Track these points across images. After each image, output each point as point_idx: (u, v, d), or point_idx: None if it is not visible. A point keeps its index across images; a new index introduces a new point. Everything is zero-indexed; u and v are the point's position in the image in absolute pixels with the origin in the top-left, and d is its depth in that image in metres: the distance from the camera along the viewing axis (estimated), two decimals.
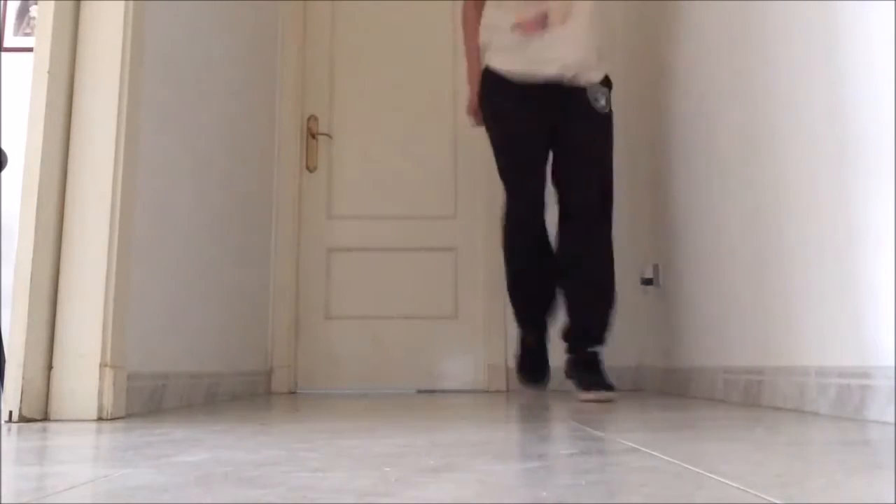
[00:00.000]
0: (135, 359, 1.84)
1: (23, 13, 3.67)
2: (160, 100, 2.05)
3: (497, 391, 3.14)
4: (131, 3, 1.85)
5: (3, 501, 0.73)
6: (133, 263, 1.85)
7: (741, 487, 0.76)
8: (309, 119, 3.41)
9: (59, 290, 1.74)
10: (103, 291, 1.74)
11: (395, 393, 3.03)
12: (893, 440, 1.15)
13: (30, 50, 1.99)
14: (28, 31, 3.62)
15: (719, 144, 2.29)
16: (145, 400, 1.91)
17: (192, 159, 2.30)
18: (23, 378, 1.65)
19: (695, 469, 0.88)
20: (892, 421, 1.39)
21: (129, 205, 1.82)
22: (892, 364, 1.41)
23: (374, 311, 3.29)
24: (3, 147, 2.99)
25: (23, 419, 1.63)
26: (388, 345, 3.26)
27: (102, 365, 1.71)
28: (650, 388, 2.93)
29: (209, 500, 0.74)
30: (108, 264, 1.75)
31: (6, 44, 3.63)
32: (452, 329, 3.29)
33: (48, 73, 1.76)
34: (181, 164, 2.21)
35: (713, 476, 0.83)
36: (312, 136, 3.40)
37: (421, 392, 3.11)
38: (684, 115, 2.62)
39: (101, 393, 1.69)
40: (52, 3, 1.79)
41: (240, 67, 2.80)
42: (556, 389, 2.82)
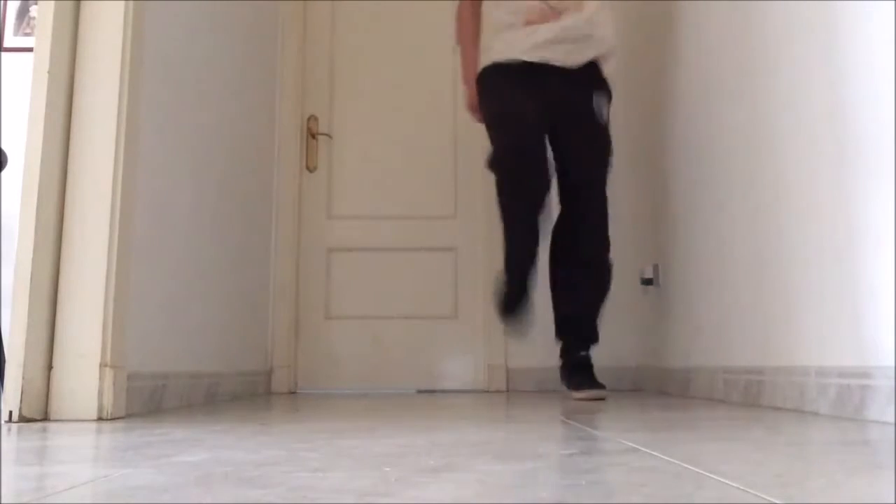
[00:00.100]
0: (135, 359, 1.84)
1: (23, 13, 3.67)
2: (160, 100, 2.05)
3: (497, 391, 3.14)
4: (131, 3, 1.86)
5: (3, 501, 0.73)
6: (133, 263, 1.85)
7: (741, 487, 0.76)
8: (309, 119, 3.41)
9: (59, 290, 1.74)
10: (103, 291, 1.74)
11: (395, 393, 3.03)
12: (893, 440, 1.15)
13: (30, 50, 1.99)
14: (28, 31, 3.62)
15: (719, 144, 2.29)
16: (145, 400, 1.91)
17: (192, 159, 2.30)
18: (23, 378, 1.65)
19: (695, 469, 0.88)
20: (892, 421, 1.39)
21: (129, 205, 1.82)
22: (892, 364, 1.41)
23: (374, 311, 3.29)
24: (3, 147, 2.99)
25: (23, 419, 1.63)
26: (388, 345, 3.26)
27: (102, 365, 1.71)
28: (650, 388, 2.93)
29: (209, 500, 0.74)
30: (108, 264, 1.75)
31: (6, 44, 3.63)
32: (452, 329, 3.29)
33: (48, 73, 1.76)
34: (181, 164, 2.21)
35: (713, 476, 0.83)
36: (312, 136, 3.40)
37: (421, 392, 3.11)
38: (684, 116, 2.62)
39: (101, 393, 1.69)
40: (52, 3, 1.79)
41: (240, 67, 2.80)
42: (555, 390, 2.82)
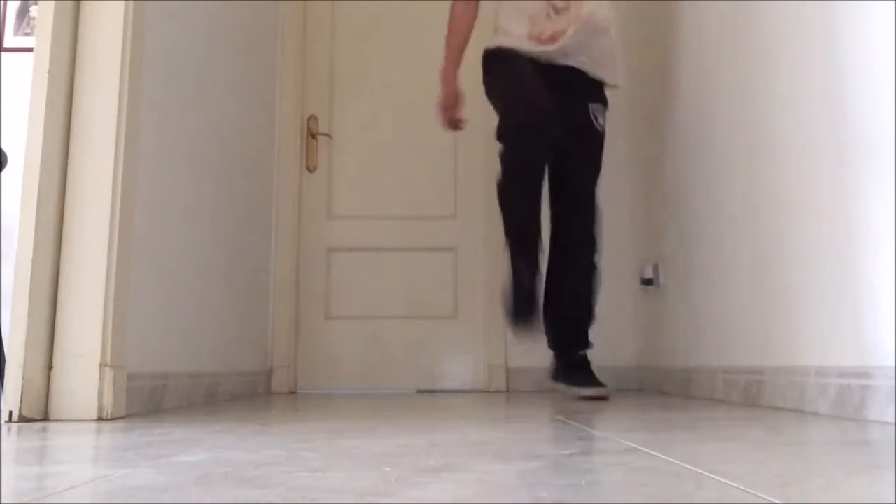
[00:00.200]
0: (135, 359, 1.84)
1: (23, 13, 3.67)
2: (160, 100, 2.05)
3: (497, 391, 3.14)
4: (131, 3, 1.85)
5: (3, 501, 0.73)
6: (133, 263, 1.85)
7: (741, 487, 0.76)
8: (309, 119, 3.41)
9: (59, 290, 1.74)
10: (103, 291, 1.74)
11: (395, 393, 3.03)
12: (893, 440, 1.15)
13: (30, 50, 1.99)
14: (28, 31, 3.62)
15: (720, 145, 2.29)
16: (145, 400, 1.91)
17: (192, 159, 2.30)
18: (23, 378, 1.65)
19: (695, 469, 0.88)
20: (892, 421, 1.39)
21: (129, 205, 1.82)
22: (892, 364, 1.41)
23: (374, 311, 3.29)
24: (3, 147, 2.99)
25: (23, 419, 1.63)
26: (388, 345, 3.26)
27: (102, 365, 1.71)
28: (650, 388, 2.93)
29: (209, 500, 0.74)
30: (108, 264, 1.75)
31: (6, 44, 3.63)
32: (452, 329, 3.29)
33: (48, 73, 1.76)
34: (181, 164, 2.21)
35: (713, 476, 0.83)
36: (312, 136, 3.40)
37: (421, 392, 3.11)
38: (684, 116, 2.62)
39: (101, 393, 1.69)
40: (52, 3, 1.79)
41: (240, 67, 2.80)
42: (555, 390, 2.82)
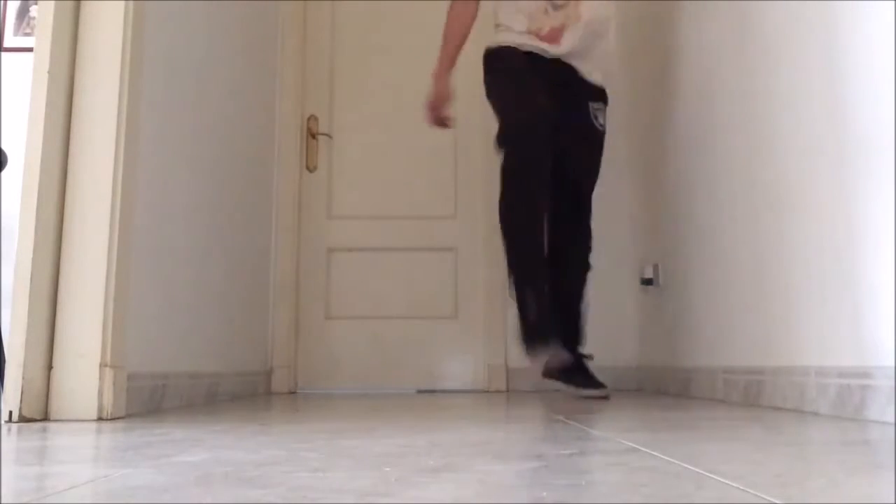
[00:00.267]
0: (135, 359, 1.84)
1: (23, 13, 3.67)
2: (160, 100, 2.05)
3: (497, 391, 3.14)
4: (131, 3, 1.85)
5: (3, 501, 0.73)
6: (133, 263, 1.85)
7: (741, 487, 0.76)
8: (309, 119, 3.41)
9: (59, 290, 1.74)
10: (103, 291, 1.74)
11: (395, 393, 3.03)
12: (893, 440, 1.15)
13: (30, 50, 1.99)
14: (28, 31, 3.62)
15: (720, 145, 2.29)
16: (145, 400, 1.91)
17: (192, 159, 2.30)
18: (23, 378, 1.65)
19: (695, 469, 0.88)
20: (892, 421, 1.39)
21: (129, 205, 1.82)
22: (892, 364, 1.41)
23: (374, 311, 3.29)
24: (3, 147, 2.99)
25: (23, 419, 1.63)
26: (388, 345, 3.26)
27: (102, 365, 1.71)
28: (650, 388, 2.93)
29: (209, 500, 0.74)
30: (108, 264, 1.75)
31: (6, 44, 3.63)
32: (452, 329, 3.29)
33: (48, 73, 1.76)
34: (181, 163, 2.21)
35: (713, 476, 0.83)
36: (312, 136, 3.40)
37: (421, 392, 3.11)
38: (684, 116, 2.62)
39: (101, 393, 1.69)
40: (52, 3, 1.79)
41: (240, 67, 2.80)
42: (555, 390, 2.82)
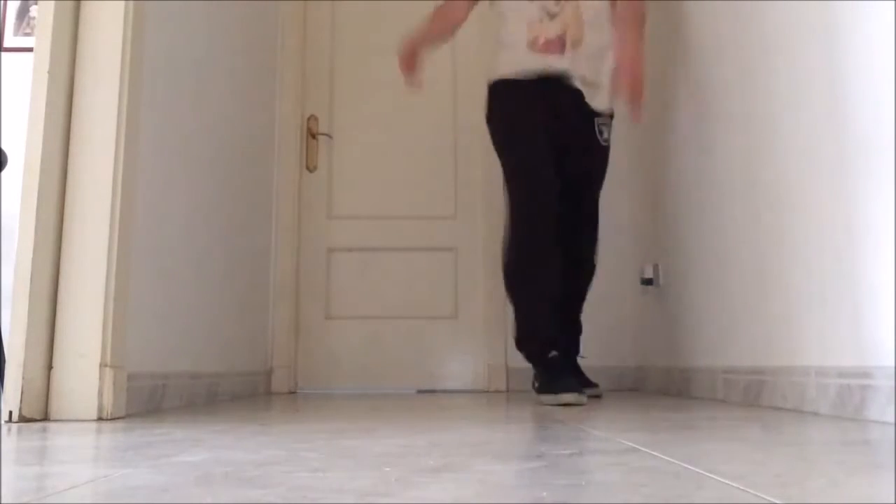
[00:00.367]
0: (135, 359, 1.84)
1: (23, 13, 3.67)
2: (160, 100, 2.05)
3: (497, 391, 3.14)
4: (131, 3, 1.85)
5: (3, 501, 0.73)
6: (133, 263, 1.85)
7: (741, 487, 0.76)
8: (309, 119, 3.41)
9: (59, 290, 1.74)
10: (103, 291, 1.74)
11: (395, 393, 3.03)
12: (893, 440, 1.15)
13: (30, 50, 1.99)
14: (28, 31, 3.62)
15: (720, 145, 2.29)
16: (145, 400, 1.91)
17: (192, 159, 2.30)
18: (23, 378, 1.65)
19: (695, 469, 0.88)
20: (892, 421, 1.39)
21: (129, 205, 1.82)
22: (892, 364, 1.41)
23: (374, 311, 3.29)
24: (3, 147, 2.99)
25: (23, 419, 1.63)
26: (388, 345, 3.26)
27: (102, 365, 1.71)
28: (650, 388, 2.93)
29: (209, 500, 0.74)
30: (108, 264, 1.75)
31: (6, 44, 3.63)
32: (452, 329, 3.29)
33: (48, 73, 1.76)
34: (181, 163, 2.21)
35: (713, 476, 0.83)
36: (312, 136, 3.40)
37: (421, 392, 3.11)
38: (684, 115, 2.62)
39: (101, 393, 1.69)
40: (52, 3, 1.79)
41: (240, 67, 2.80)
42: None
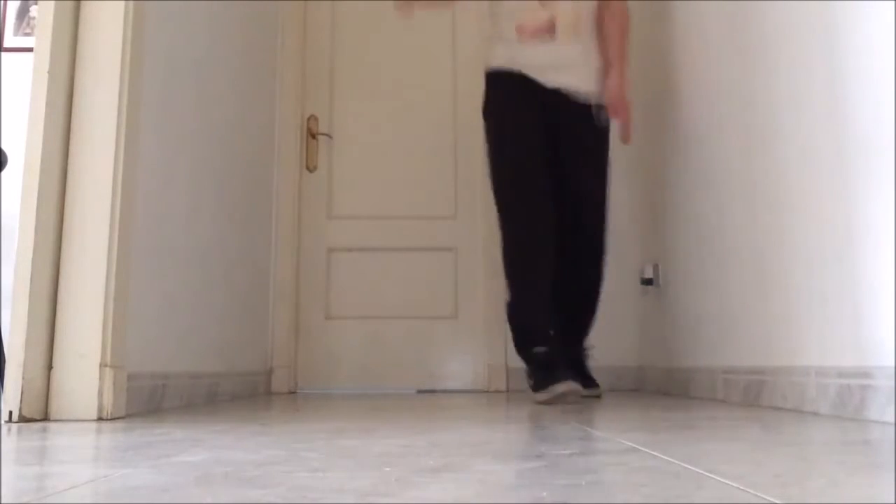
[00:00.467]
0: (135, 359, 1.84)
1: (23, 13, 3.67)
2: (160, 100, 2.05)
3: (497, 391, 3.14)
4: (131, 3, 1.85)
5: (3, 501, 0.73)
6: (133, 263, 1.85)
7: (741, 487, 0.76)
8: (309, 119, 3.41)
9: (59, 290, 1.74)
10: (103, 291, 1.74)
11: (395, 393, 3.03)
12: (893, 440, 1.15)
13: (30, 50, 1.99)
14: (28, 31, 3.62)
15: (720, 145, 2.29)
16: (145, 400, 1.91)
17: (192, 159, 2.30)
18: (23, 378, 1.65)
19: (695, 469, 0.88)
20: (892, 421, 1.39)
21: (129, 205, 1.82)
22: (892, 364, 1.41)
23: (374, 311, 3.29)
24: (3, 147, 2.99)
25: (23, 419, 1.63)
26: (388, 345, 3.26)
27: (102, 365, 1.71)
28: (650, 388, 2.93)
29: (209, 500, 0.74)
30: (108, 264, 1.75)
31: (6, 44, 3.63)
32: (452, 329, 3.29)
33: (48, 73, 1.76)
34: (181, 164, 2.21)
35: (713, 476, 0.83)
36: (312, 136, 3.40)
37: (421, 392, 3.11)
38: (684, 116, 2.62)
39: (101, 393, 1.69)
40: (52, 3, 1.79)
41: (240, 67, 2.80)
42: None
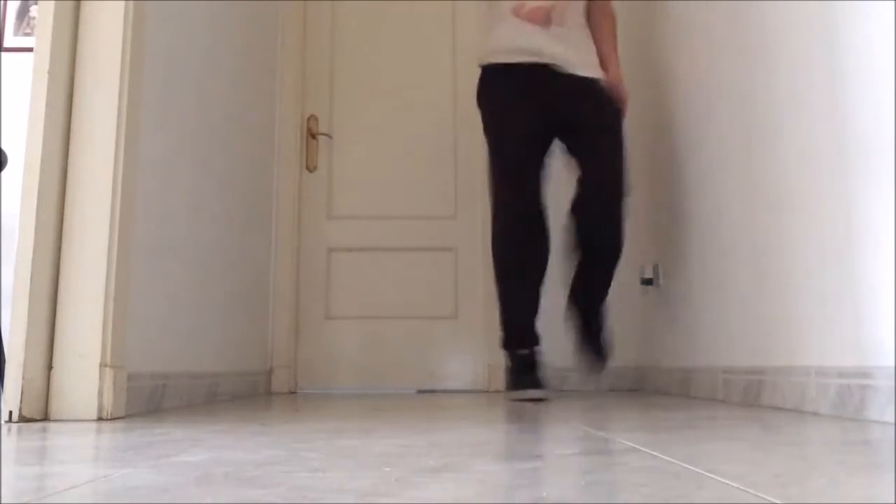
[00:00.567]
0: (135, 359, 1.84)
1: (23, 13, 3.67)
2: (160, 100, 2.05)
3: (497, 391, 3.14)
4: (131, 3, 1.85)
5: (3, 501, 0.73)
6: (133, 263, 1.85)
7: (741, 487, 0.76)
8: (309, 119, 3.41)
9: (59, 290, 1.74)
10: (103, 291, 1.74)
11: (395, 393, 3.03)
12: (893, 440, 1.15)
13: (30, 50, 2.00)
14: (28, 31, 3.62)
15: (719, 145, 2.29)
16: (145, 400, 1.91)
17: (192, 159, 2.30)
18: (23, 378, 1.65)
19: (695, 469, 0.88)
20: (892, 421, 1.39)
21: (129, 205, 1.82)
22: (892, 364, 1.41)
23: (374, 311, 3.29)
24: (3, 147, 2.99)
25: (23, 419, 1.63)
26: (388, 345, 3.26)
27: (102, 365, 1.71)
28: (650, 388, 2.93)
29: (209, 500, 0.74)
30: (108, 264, 1.75)
31: (6, 44, 3.63)
32: (452, 329, 3.29)
33: (48, 73, 1.76)
34: (181, 163, 2.21)
35: (713, 476, 0.83)
36: (312, 136, 3.40)
37: (421, 392, 3.11)
38: (684, 115, 2.62)
39: (101, 393, 1.69)
40: (52, 3, 1.79)
41: (240, 67, 2.80)
42: (556, 389, 2.82)
